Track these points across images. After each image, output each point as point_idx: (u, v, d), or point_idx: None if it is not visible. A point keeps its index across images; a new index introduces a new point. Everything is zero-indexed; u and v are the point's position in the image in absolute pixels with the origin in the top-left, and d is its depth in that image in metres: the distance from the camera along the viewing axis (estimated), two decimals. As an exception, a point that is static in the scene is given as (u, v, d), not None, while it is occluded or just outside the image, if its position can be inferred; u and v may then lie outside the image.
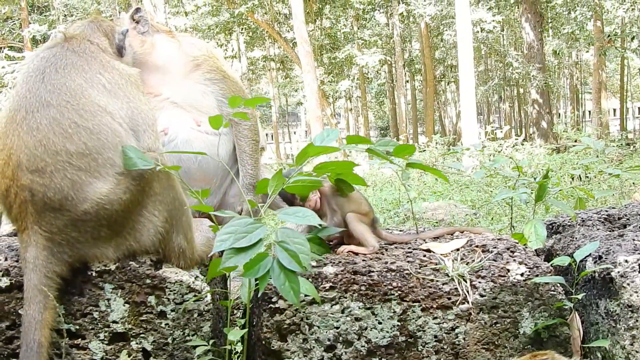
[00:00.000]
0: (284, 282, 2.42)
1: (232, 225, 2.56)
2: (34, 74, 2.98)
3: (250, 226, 2.55)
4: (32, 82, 2.95)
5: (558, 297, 3.15)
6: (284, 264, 2.42)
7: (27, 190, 2.79)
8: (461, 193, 12.31)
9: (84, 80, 3.00)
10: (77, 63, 3.06)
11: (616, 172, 4.45)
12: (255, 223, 2.57)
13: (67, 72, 2.99)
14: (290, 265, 2.41)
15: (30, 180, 2.79)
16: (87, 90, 2.96)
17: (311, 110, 24.49)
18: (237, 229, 2.54)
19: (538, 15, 30.02)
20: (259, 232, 2.52)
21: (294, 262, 2.42)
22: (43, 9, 32.43)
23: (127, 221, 2.92)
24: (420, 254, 3.37)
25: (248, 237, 2.50)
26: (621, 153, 18.58)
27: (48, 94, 2.90)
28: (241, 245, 2.47)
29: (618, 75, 42.82)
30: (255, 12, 31.08)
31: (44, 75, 2.96)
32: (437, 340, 3.09)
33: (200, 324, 3.06)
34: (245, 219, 2.60)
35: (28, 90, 2.93)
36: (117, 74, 3.15)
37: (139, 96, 3.18)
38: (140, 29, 3.79)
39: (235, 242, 2.48)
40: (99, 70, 3.10)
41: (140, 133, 3.08)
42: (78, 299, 2.98)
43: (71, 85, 2.95)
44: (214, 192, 3.90)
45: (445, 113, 47.89)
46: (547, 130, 29.31)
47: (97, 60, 3.15)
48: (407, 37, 38.74)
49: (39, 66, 3.02)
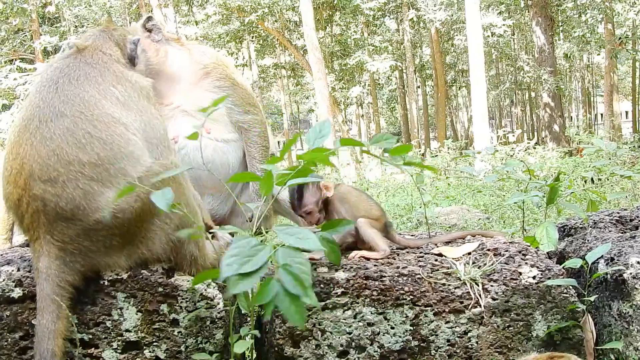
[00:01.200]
0: (289, 306, 2.41)
1: (236, 247, 2.54)
2: (47, 84, 3.01)
3: (254, 249, 2.53)
4: (46, 92, 2.98)
5: (570, 300, 3.14)
6: (288, 288, 2.40)
7: (40, 200, 2.81)
8: (474, 198, 12.25)
9: (97, 92, 3.03)
10: (91, 74, 3.09)
11: (628, 174, 4.44)
12: (258, 245, 2.55)
13: (81, 83, 3.03)
14: (295, 290, 2.40)
15: (42, 190, 2.81)
16: (100, 102, 2.99)
17: (322, 117, 24.47)
18: (241, 251, 2.52)
19: (548, 19, 29.94)
20: (263, 256, 2.49)
21: (298, 286, 2.41)
22: (54, 20, 32.60)
23: (139, 230, 2.93)
24: (432, 258, 3.37)
25: (252, 262, 2.47)
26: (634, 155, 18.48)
27: (62, 104, 2.93)
28: (246, 270, 2.45)
29: (630, 77, 42.64)
30: (266, 20, 31.16)
31: (57, 86, 2.99)
32: (450, 344, 3.09)
33: (213, 331, 3.07)
34: (247, 240, 2.57)
35: (42, 100, 2.96)
36: (130, 86, 3.17)
37: (151, 109, 3.20)
38: (155, 37, 3.82)
39: (240, 267, 2.46)
40: (112, 82, 3.12)
41: (153, 146, 3.10)
42: (91, 308, 2.99)
43: (85, 96, 2.97)
44: (225, 200, 3.92)
45: (457, 118, 47.85)
46: (559, 134, 29.18)
47: (110, 72, 3.17)
48: (417, 43, 38.78)
49: (52, 76, 3.05)
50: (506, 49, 36.37)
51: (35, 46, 27.44)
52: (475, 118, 21.84)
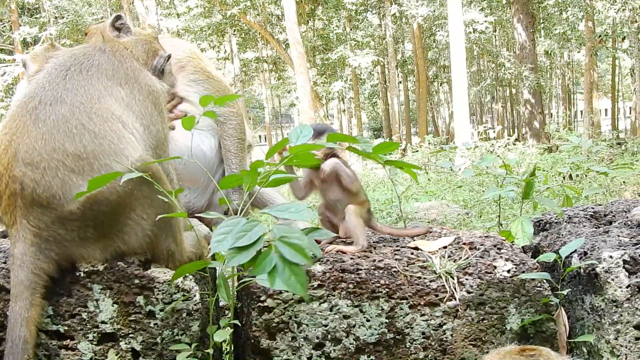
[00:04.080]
0: (289, 277, 2.43)
1: (226, 226, 2.57)
2: (59, 68, 3.04)
3: (247, 225, 2.57)
4: (55, 76, 3.00)
5: (544, 293, 3.18)
6: (289, 258, 2.42)
7: (18, 182, 2.80)
8: (453, 193, 12.34)
9: (104, 87, 3.04)
10: (103, 66, 3.11)
11: (603, 170, 4.49)
12: (251, 221, 2.58)
13: (91, 74, 3.04)
14: (296, 258, 2.42)
15: (22, 173, 2.79)
16: (104, 97, 2.99)
17: (304, 112, 24.48)
18: (232, 229, 2.55)
19: (530, 16, 30.12)
20: (258, 230, 2.53)
21: (299, 255, 2.43)
22: (33, 11, 32.34)
23: (114, 223, 2.92)
24: (408, 251, 3.39)
25: (248, 236, 2.51)
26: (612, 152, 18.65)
27: (65, 91, 2.94)
28: (242, 244, 2.48)
29: (609, 75, 42.97)
30: (248, 13, 31.10)
31: (67, 73, 3.02)
32: (425, 337, 3.11)
33: (189, 323, 3.07)
34: (237, 219, 2.60)
35: (48, 82, 2.98)
36: (138, 87, 3.17)
37: (154, 115, 3.20)
38: (122, 36, 3.82)
39: (236, 241, 2.49)
40: (121, 80, 3.13)
41: (151, 150, 3.11)
42: (66, 300, 2.98)
43: (89, 88, 2.98)
44: (202, 192, 3.92)
45: (438, 113, 48.00)
46: (540, 130, 29.39)
47: (124, 68, 3.18)
48: (399, 38, 38.82)
49: (66, 61, 3.08)
50: (488, 45, 36.50)
51: (15, 37, 27.20)
52: (457, 114, 21.94)
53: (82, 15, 31.43)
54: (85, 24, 29.41)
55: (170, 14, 34.33)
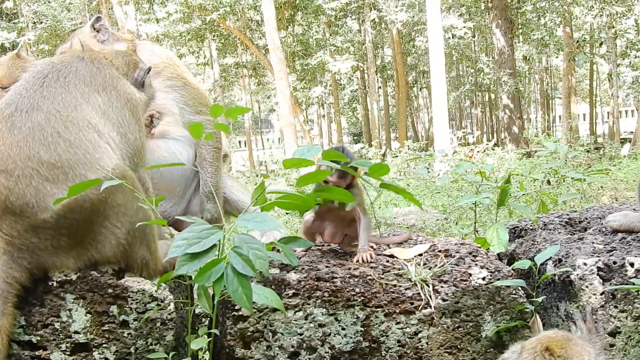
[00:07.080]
0: (237, 288, 2.42)
1: (189, 231, 2.56)
2: (37, 76, 3.04)
3: (205, 232, 2.55)
4: (32, 83, 3.00)
5: (519, 300, 3.18)
6: (237, 268, 2.41)
7: None
8: (432, 198, 12.35)
9: (81, 94, 3.03)
10: (81, 73, 3.10)
11: (578, 176, 4.52)
12: (211, 229, 2.56)
13: (68, 82, 3.04)
14: (244, 270, 2.41)
15: None
16: (80, 105, 2.99)
17: (284, 117, 24.44)
18: (192, 235, 2.53)
19: (508, 22, 30.31)
20: (214, 238, 2.51)
21: (247, 267, 2.42)
22: (12, 16, 32.07)
23: (88, 232, 2.90)
24: (384, 259, 3.39)
25: (202, 243, 2.50)
26: (590, 157, 18.79)
27: (42, 99, 2.93)
28: (194, 250, 2.47)
29: (587, 80, 43.30)
30: (227, 19, 30.99)
31: (44, 80, 3.01)
32: (400, 345, 3.11)
33: (163, 333, 3.05)
34: (203, 225, 2.60)
35: (26, 89, 2.98)
36: (116, 95, 3.16)
37: (131, 123, 3.18)
38: (100, 37, 3.81)
39: (188, 247, 2.47)
40: (99, 87, 3.12)
41: (127, 159, 3.09)
42: (39, 310, 2.95)
43: (66, 96, 2.98)
44: (178, 201, 3.90)
45: (418, 119, 48.10)
46: (518, 135, 29.55)
47: (102, 75, 3.17)
48: (379, 44, 38.90)
49: (44, 69, 3.07)
50: (467, 50, 36.69)
51: (-8, 42, 27.00)
52: (436, 119, 22.03)
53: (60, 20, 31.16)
54: (63, 29, 29.25)
55: (149, 19, 34.13)
